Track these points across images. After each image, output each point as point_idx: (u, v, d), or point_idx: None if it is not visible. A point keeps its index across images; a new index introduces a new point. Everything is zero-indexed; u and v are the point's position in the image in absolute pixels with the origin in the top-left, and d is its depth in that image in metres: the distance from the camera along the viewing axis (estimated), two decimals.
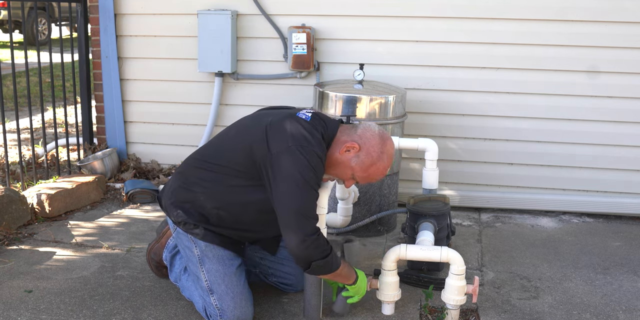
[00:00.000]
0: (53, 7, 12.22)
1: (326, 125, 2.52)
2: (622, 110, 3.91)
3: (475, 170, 4.12)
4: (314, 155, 2.36)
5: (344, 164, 2.48)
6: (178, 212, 2.64)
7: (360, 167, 2.48)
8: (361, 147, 2.46)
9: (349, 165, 2.47)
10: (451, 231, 3.23)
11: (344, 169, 2.49)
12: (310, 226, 2.36)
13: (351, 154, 2.47)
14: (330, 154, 2.48)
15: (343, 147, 2.47)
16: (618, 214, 4.05)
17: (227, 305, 2.57)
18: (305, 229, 2.34)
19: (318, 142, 2.40)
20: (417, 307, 2.83)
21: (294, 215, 2.34)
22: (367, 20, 4.01)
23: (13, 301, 2.81)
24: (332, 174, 2.53)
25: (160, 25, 4.29)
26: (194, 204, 2.61)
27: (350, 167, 2.48)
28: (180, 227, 2.66)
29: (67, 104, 5.05)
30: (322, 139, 2.45)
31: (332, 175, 2.54)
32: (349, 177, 2.52)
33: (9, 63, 6.92)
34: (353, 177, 2.52)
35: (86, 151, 4.59)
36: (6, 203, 3.53)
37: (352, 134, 2.50)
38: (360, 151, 2.46)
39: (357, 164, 2.47)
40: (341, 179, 2.55)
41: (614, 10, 3.77)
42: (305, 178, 2.33)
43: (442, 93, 4.03)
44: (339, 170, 2.51)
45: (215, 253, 2.63)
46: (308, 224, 2.36)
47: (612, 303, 2.93)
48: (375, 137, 2.49)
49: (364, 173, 2.49)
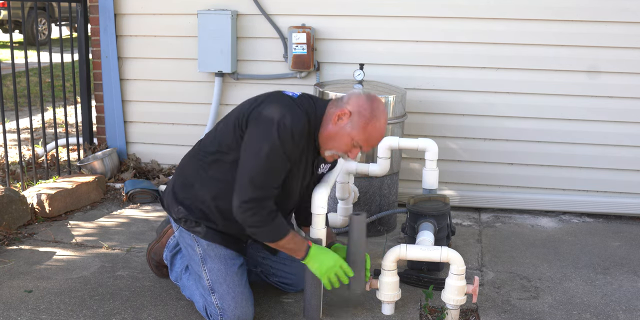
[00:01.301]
0: (53, 7, 12.22)
1: (314, 104, 2.52)
2: (622, 110, 3.91)
3: (475, 170, 4.12)
4: (286, 130, 2.36)
5: (341, 132, 2.46)
6: (179, 208, 2.65)
7: (357, 130, 2.45)
8: (351, 111, 2.45)
9: (346, 132, 2.45)
10: (451, 231, 3.23)
11: (342, 137, 2.46)
12: (252, 193, 2.38)
13: (344, 120, 2.45)
14: (324, 129, 2.48)
15: (334, 116, 2.46)
16: (618, 214, 4.05)
17: (228, 304, 2.57)
18: (246, 195, 2.39)
19: (297, 118, 2.39)
20: (417, 307, 2.83)
21: (245, 180, 2.39)
22: (367, 20, 4.01)
23: (13, 301, 2.81)
24: (334, 147, 2.50)
25: (160, 25, 4.29)
26: (194, 200, 2.62)
27: (348, 133, 2.45)
28: (181, 224, 2.66)
29: (67, 104, 5.05)
30: (307, 117, 2.44)
31: (335, 149, 2.51)
32: (351, 145, 2.48)
33: (9, 63, 6.92)
34: (355, 144, 2.48)
35: (86, 151, 4.59)
36: (6, 203, 3.53)
37: (340, 104, 2.49)
38: (352, 115, 2.45)
39: (353, 128, 2.45)
40: (344, 151, 2.50)
41: (614, 10, 3.77)
42: (269, 148, 2.35)
43: (442, 93, 4.03)
44: (339, 141, 2.48)
45: (217, 252, 2.63)
46: (252, 192, 2.38)
47: (612, 303, 2.93)
48: (362, 98, 2.48)
49: (364, 135, 2.45)
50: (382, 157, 3.34)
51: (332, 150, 2.51)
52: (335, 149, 2.50)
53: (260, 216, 2.42)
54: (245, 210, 2.41)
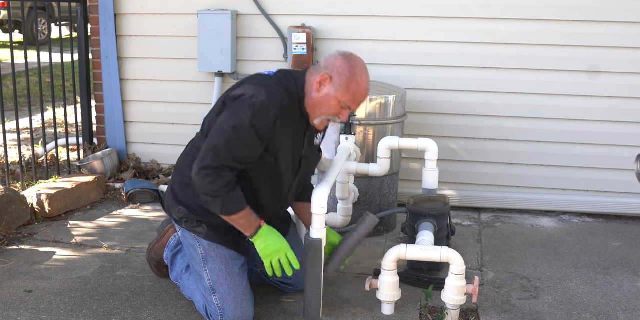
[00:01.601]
0: (53, 7, 12.22)
1: (292, 76, 2.54)
2: (622, 110, 3.91)
3: (475, 170, 4.12)
4: (257, 106, 2.37)
5: (326, 97, 2.47)
6: (179, 209, 2.66)
7: (342, 91, 2.45)
8: (331, 75, 2.46)
9: (330, 96, 2.47)
10: (451, 231, 3.23)
11: (328, 102, 2.47)
12: (212, 161, 2.39)
13: (326, 85, 2.47)
14: (308, 98, 2.50)
15: (316, 84, 2.47)
16: (618, 214, 4.04)
17: (229, 305, 2.58)
18: (206, 161, 2.40)
19: (271, 93, 2.41)
20: (417, 307, 2.83)
21: (208, 148, 2.42)
22: (367, 20, 4.01)
23: (13, 301, 2.81)
24: (323, 113, 2.51)
25: (160, 25, 4.29)
26: (193, 197, 2.62)
27: (333, 97, 2.47)
28: (182, 225, 2.67)
29: (67, 104, 5.05)
30: (286, 90, 2.46)
31: (324, 115, 2.51)
32: (339, 108, 2.49)
33: (9, 63, 6.92)
34: (343, 106, 2.48)
35: (86, 151, 4.59)
36: (6, 203, 3.53)
37: (319, 69, 2.51)
38: (333, 78, 2.46)
39: (337, 90, 2.45)
40: (333, 114, 2.50)
41: (614, 10, 3.77)
42: (238, 122, 2.38)
43: (442, 93, 4.03)
44: (326, 106, 2.49)
45: (218, 252, 2.64)
46: (212, 160, 2.39)
47: (612, 303, 2.93)
48: (338, 59, 2.48)
49: (349, 94, 2.46)
50: (382, 157, 3.34)
51: (321, 116, 2.52)
52: (325, 115, 2.51)
53: (216, 185, 2.41)
54: (203, 176, 2.41)
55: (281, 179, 2.61)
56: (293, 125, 2.53)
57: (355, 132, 3.50)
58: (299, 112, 2.53)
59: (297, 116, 2.53)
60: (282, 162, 2.56)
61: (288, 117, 2.48)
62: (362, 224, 2.72)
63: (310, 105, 2.52)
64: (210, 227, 2.63)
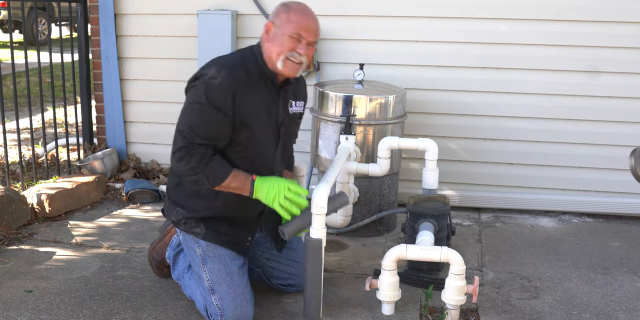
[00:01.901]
0: (53, 7, 12.22)
1: (250, 48, 2.65)
2: (622, 110, 3.91)
3: (475, 170, 4.12)
4: (212, 80, 2.45)
5: (274, 38, 2.54)
6: (177, 210, 2.69)
7: (284, 25, 2.53)
8: (272, 19, 2.57)
9: (278, 34, 2.53)
10: (451, 231, 3.23)
11: (279, 40, 2.53)
12: (180, 142, 2.47)
13: (271, 30, 2.56)
14: (264, 51, 2.58)
15: (263, 36, 2.59)
16: (618, 214, 4.05)
17: (228, 305, 2.58)
18: (176, 145, 2.49)
19: (226, 66, 2.49)
20: (417, 307, 2.83)
21: (175, 133, 2.51)
22: (367, 20, 4.01)
23: (13, 301, 2.81)
24: (280, 52, 2.53)
25: (160, 25, 4.28)
26: (186, 195, 2.66)
27: (280, 33, 2.53)
28: (182, 227, 2.68)
29: (67, 104, 5.05)
30: (243, 60, 2.56)
31: (282, 53, 2.53)
32: (291, 40, 2.52)
33: (9, 63, 6.92)
34: (293, 37, 2.52)
35: (86, 151, 4.59)
36: (6, 203, 3.53)
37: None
38: (274, 21, 2.56)
39: (280, 26, 2.53)
40: (290, 49, 2.53)
41: (614, 10, 3.77)
42: (194, 100, 2.47)
43: (442, 93, 4.03)
44: (278, 44, 2.53)
45: (217, 253, 2.64)
46: (180, 141, 2.48)
47: (612, 303, 2.93)
48: (276, 7, 2.61)
49: (291, 24, 2.52)
50: (382, 157, 3.34)
51: (280, 57, 2.54)
52: (283, 53, 2.54)
53: (191, 163, 2.46)
54: (178, 160, 2.48)
55: (262, 148, 2.64)
56: (260, 95, 2.57)
57: (355, 132, 3.50)
58: (265, 79, 2.59)
59: (263, 84, 2.59)
60: (259, 132, 2.59)
61: (251, 87, 2.53)
62: (332, 201, 2.65)
63: (267, 54, 2.57)
64: (209, 228, 2.64)
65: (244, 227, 2.72)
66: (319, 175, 3.72)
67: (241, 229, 2.71)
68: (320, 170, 3.69)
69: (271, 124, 2.65)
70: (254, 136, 2.58)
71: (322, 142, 3.62)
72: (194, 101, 2.48)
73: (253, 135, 2.57)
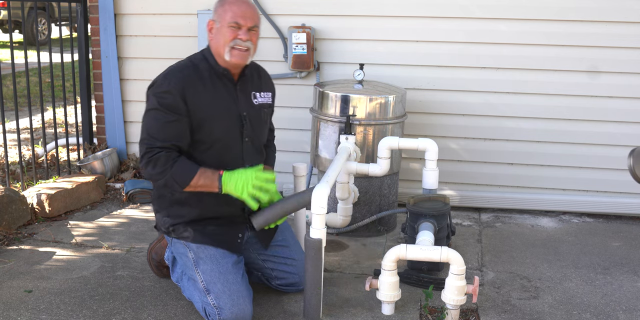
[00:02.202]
0: (53, 7, 12.22)
1: (201, 51, 2.73)
2: (622, 110, 3.91)
3: (475, 170, 4.12)
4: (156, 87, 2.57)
5: (216, 32, 2.61)
6: (164, 220, 2.74)
7: (222, 17, 2.59)
8: (212, 17, 2.65)
9: (218, 27, 2.60)
10: (451, 231, 3.23)
11: (220, 32, 2.59)
12: (143, 149, 2.54)
13: (212, 25, 2.64)
14: (211, 46, 2.66)
15: (209, 34, 2.66)
16: (618, 214, 4.05)
17: (225, 303, 2.57)
18: (141, 153, 2.56)
19: (172, 71, 2.61)
20: (417, 307, 2.83)
21: (139, 142, 2.59)
22: (367, 20, 4.01)
23: (13, 301, 2.81)
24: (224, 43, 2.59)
25: (160, 25, 4.28)
26: (168, 203, 2.71)
27: (220, 26, 2.59)
28: (172, 235, 2.73)
29: (67, 104, 5.05)
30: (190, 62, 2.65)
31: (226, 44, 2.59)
32: (231, 31, 2.58)
33: (9, 63, 6.92)
34: (232, 26, 2.58)
35: (86, 151, 4.59)
36: (6, 203, 3.53)
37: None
38: (213, 17, 2.64)
39: (218, 20, 2.60)
40: (231, 38, 2.59)
41: (614, 10, 3.77)
42: (149, 107, 2.56)
43: (442, 93, 4.03)
44: (221, 37, 2.59)
45: (207, 253, 2.65)
46: (142, 148, 2.55)
47: (612, 303, 2.93)
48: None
49: (226, 14, 2.58)
50: (382, 157, 3.34)
51: (225, 48, 2.59)
52: (226, 44, 2.59)
53: (157, 167, 2.51)
54: (144, 166, 2.54)
55: (226, 142, 2.65)
56: (215, 92, 2.62)
57: (355, 132, 3.50)
58: (219, 77, 2.65)
59: (217, 82, 2.64)
60: (219, 128, 2.63)
61: (202, 86, 2.60)
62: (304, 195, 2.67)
63: (215, 50, 2.64)
64: (196, 231, 2.67)
65: (231, 225, 2.74)
66: (319, 175, 3.72)
67: (228, 227, 2.73)
68: (320, 170, 3.69)
69: (231, 118, 2.67)
70: (214, 132, 2.62)
71: (322, 142, 3.62)
72: (148, 109, 2.58)
73: (212, 131, 2.62)
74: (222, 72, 2.65)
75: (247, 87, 2.74)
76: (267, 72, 2.93)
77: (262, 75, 2.87)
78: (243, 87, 2.72)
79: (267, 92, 2.84)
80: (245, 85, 2.73)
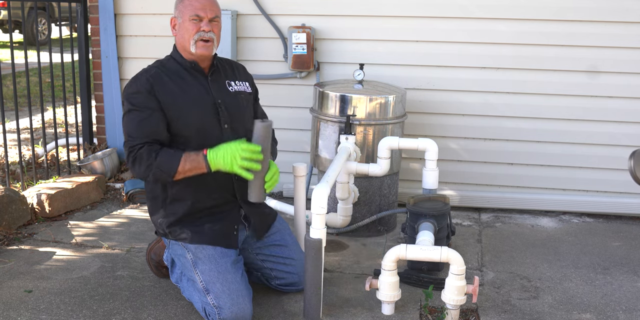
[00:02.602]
0: (53, 7, 12.22)
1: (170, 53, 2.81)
2: (622, 110, 3.91)
3: (475, 170, 4.12)
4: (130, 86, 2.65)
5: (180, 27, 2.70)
6: (159, 222, 2.76)
7: (182, 13, 2.67)
8: (173, 15, 2.75)
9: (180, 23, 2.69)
10: (451, 231, 3.23)
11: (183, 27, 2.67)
12: (127, 148, 2.59)
13: (175, 22, 2.74)
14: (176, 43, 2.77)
15: (172, 31, 2.76)
16: (618, 214, 4.05)
17: (224, 302, 2.57)
18: (125, 154, 2.61)
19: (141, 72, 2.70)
20: (417, 307, 2.83)
21: (123, 146, 2.67)
22: (367, 20, 4.01)
23: (13, 301, 2.81)
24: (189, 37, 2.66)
25: (160, 25, 4.28)
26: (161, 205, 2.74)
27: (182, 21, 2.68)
28: (170, 237, 2.75)
29: (67, 104, 5.05)
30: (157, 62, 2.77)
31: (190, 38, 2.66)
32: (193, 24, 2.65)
33: (9, 63, 6.92)
34: (193, 19, 2.65)
35: (86, 151, 4.59)
36: (6, 203, 3.53)
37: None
38: (174, 13, 2.73)
39: (180, 15, 2.69)
40: (194, 31, 2.65)
41: (613, 10, 3.77)
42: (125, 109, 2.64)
43: (442, 93, 4.03)
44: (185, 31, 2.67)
45: (205, 253, 2.66)
46: (126, 146, 2.59)
47: (612, 303, 2.93)
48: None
49: (186, 8, 2.66)
50: (382, 157, 3.34)
51: (190, 42, 2.66)
52: (191, 38, 2.66)
53: (142, 163, 2.55)
54: (132, 165, 2.59)
55: (205, 132, 2.67)
56: (185, 86, 2.68)
57: (355, 132, 3.50)
58: (188, 71, 2.72)
59: (187, 76, 2.71)
60: (193, 119, 2.66)
61: (171, 81, 2.66)
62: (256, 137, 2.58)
63: (181, 45, 2.72)
64: (193, 231, 2.69)
65: (226, 218, 2.74)
66: (319, 175, 3.72)
67: (223, 221, 2.73)
68: (320, 170, 3.69)
69: (206, 106, 2.69)
70: (190, 122, 2.65)
71: (322, 142, 3.62)
72: (125, 112, 2.65)
73: (189, 122, 2.65)
74: (192, 66, 2.72)
75: (219, 77, 2.79)
76: (241, 65, 3.00)
77: (235, 67, 2.93)
78: (215, 77, 2.77)
79: (243, 81, 2.89)
80: (217, 75, 2.79)
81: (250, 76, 2.99)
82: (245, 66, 4.20)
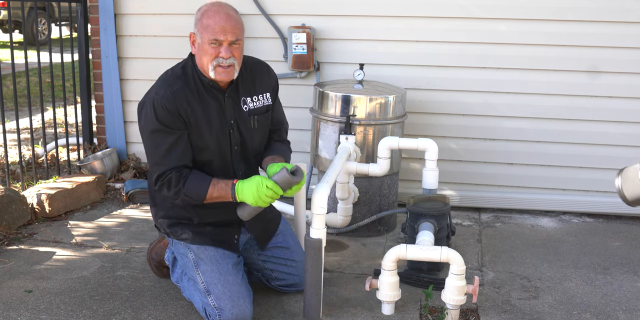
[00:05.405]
0: (53, 7, 12.22)
1: (186, 59, 2.68)
2: (622, 110, 3.91)
3: (475, 170, 4.12)
4: (149, 108, 2.55)
5: (199, 47, 2.54)
6: (162, 221, 2.77)
7: (202, 33, 2.50)
8: (193, 30, 2.57)
9: (200, 43, 2.52)
10: (451, 231, 3.23)
11: (203, 48, 2.51)
12: (155, 172, 2.56)
13: (194, 39, 2.57)
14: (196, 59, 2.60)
15: (191, 47, 2.60)
16: (618, 214, 4.04)
17: (225, 304, 2.58)
18: (153, 176, 2.59)
19: (157, 90, 2.56)
20: (417, 307, 2.83)
21: (149, 163, 2.64)
22: (367, 20, 4.01)
23: (13, 301, 2.81)
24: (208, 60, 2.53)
25: (160, 25, 4.28)
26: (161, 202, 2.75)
27: (201, 42, 2.51)
28: (172, 236, 2.75)
29: (67, 104, 5.05)
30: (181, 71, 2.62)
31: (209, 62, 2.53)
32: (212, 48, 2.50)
33: (9, 63, 6.92)
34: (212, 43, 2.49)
35: (86, 151, 4.59)
36: (6, 203, 3.53)
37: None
38: (194, 30, 2.55)
39: (199, 35, 2.52)
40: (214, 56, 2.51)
41: (613, 10, 3.77)
42: (146, 131, 2.58)
43: (442, 93, 4.03)
44: (204, 53, 2.52)
45: (207, 254, 2.67)
46: (155, 171, 2.57)
47: (612, 303, 2.93)
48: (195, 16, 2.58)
49: (207, 30, 2.48)
50: (382, 157, 3.34)
51: (209, 66, 2.53)
52: (210, 62, 2.52)
53: (171, 188, 2.55)
54: (159, 189, 2.59)
55: (217, 151, 2.63)
56: (203, 104, 2.59)
57: (355, 132, 3.50)
58: (206, 88, 2.60)
59: (205, 93, 2.60)
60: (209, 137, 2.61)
61: (192, 98, 2.57)
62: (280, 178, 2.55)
63: (200, 65, 2.59)
64: (195, 232, 2.69)
65: (228, 226, 2.75)
66: (319, 175, 3.72)
67: (225, 227, 2.74)
68: (320, 170, 3.69)
69: (221, 129, 2.63)
70: (205, 145, 2.61)
71: (322, 142, 3.62)
72: (150, 131, 2.56)
73: (203, 144, 2.61)
74: (210, 84, 2.61)
75: (236, 94, 2.68)
76: (265, 67, 2.81)
77: (258, 74, 2.76)
78: (233, 95, 2.67)
79: (263, 93, 2.75)
80: (236, 93, 2.68)
81: (272, 82, 2.82)
82: None
